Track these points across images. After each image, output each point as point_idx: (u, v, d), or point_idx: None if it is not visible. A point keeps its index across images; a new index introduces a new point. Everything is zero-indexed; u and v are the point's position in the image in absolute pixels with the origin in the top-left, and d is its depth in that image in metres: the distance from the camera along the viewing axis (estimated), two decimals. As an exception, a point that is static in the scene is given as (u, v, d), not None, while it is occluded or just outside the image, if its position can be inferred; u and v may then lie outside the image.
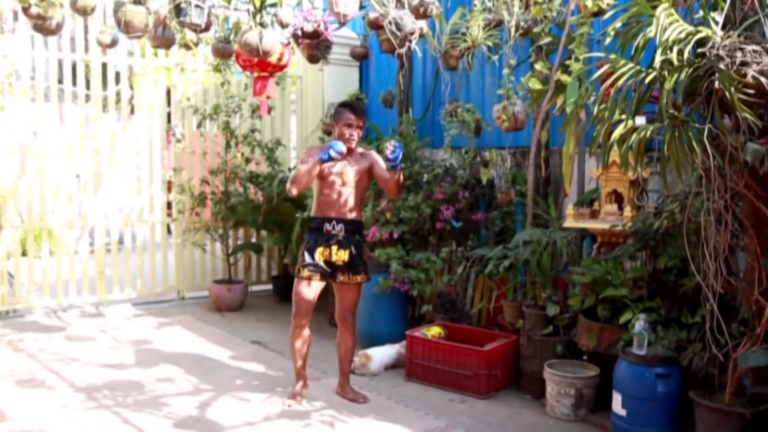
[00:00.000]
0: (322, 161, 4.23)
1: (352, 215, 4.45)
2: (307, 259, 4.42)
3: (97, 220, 7.12)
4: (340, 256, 4.41)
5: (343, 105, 4.53)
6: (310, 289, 4.49)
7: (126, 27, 3.71)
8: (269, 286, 8.13)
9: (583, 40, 3.94)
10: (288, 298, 7.65)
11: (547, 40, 4.39)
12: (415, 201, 5.87)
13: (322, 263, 4.42)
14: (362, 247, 4.55)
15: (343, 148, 4.22)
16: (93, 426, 4.11)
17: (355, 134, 4.40)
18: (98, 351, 5.67)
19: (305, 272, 4.43)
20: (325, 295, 6.90)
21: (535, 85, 4.24)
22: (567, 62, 4.04)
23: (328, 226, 4.41)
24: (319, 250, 4.41)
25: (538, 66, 4.27)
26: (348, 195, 4.42)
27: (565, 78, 3.97)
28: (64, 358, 5.44)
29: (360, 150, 4.54)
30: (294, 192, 4.33)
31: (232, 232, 7.72)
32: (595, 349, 4.29)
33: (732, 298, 3.68)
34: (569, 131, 4.46)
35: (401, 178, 4.31)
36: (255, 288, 8.05)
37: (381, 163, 4.44)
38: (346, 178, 4.40)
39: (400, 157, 4.14)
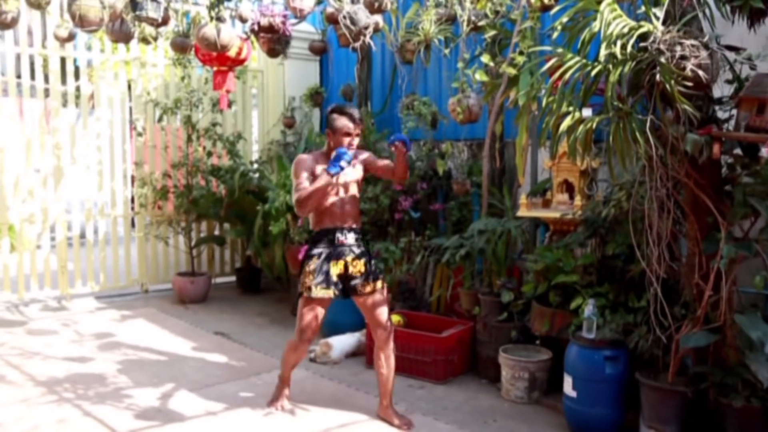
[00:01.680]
0: (333, 174, 3.88)
1: (357, 223, 4.19)
2: (319, 277, 4.04)
3: (59, 215, 7.09)
4: (357, 267, 4.10)
5: (340, 112, 4.07)
6: (319, 308, 4.11)
7: (81, 21, 3.72)
8: (232, 278, 8.17)
9: (527, 33, 4.05)
10: (251, 289, 7.80)
11: (492, 33, 4.49)
12: (374, 192, 5.96)
13: (335, 278, 4.07)
14: (371, 253, 4.29)
15: (351, 156, 3.91)
16: (53, 419, 4.14)
17: (355, 143, 4.06)
18: (60, 345, 5.67)
19: (319, 291, 4.03)
20: (288, 285, 7.02)
21: (482, 77, 4.34)
22: (512, 55, 4.15)
23: (340, 237, 4.07)
24: (332, 263, 4.06)
25: (484, 59, 4.37)
26: (352, 202, 4.16)
27: (510, 70, 4.08)
28: (25, 352, 5.43)
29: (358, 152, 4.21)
30: (305, 213, 4.05)
31: (194, 225, 7.73)
32: (548, 333, 4.43)
33: (675, 282, 3.84)
34: (522, 123, 4.57)
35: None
36: (218, 280, 8.09)
37: (371, 156, 4.25)
38: (348, 186, 4.13)
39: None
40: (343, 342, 5.37)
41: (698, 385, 3.58)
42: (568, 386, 4.04)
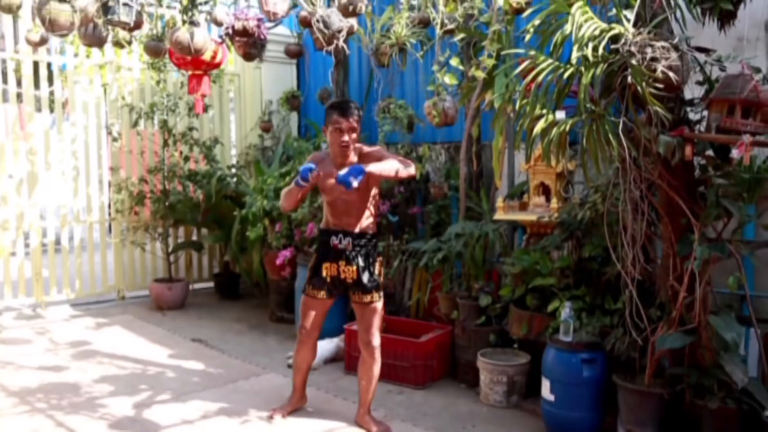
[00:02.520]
0: (299, 187, 3.80)
1: (359, 227, 4.02)
2: (313, 274, 4.11)
3: (33, 221, 6.99)
4: (348, 273, 4.03)
5: (331, 106, 3.97)
6: (314, 306, 4.13)
7: (51, 25, 3.65)
8: (210, 284, 8.10)
9: (496, 36, 4.05)
10: (229, 295, 7.75)
11: (462, 36, 4.50)
12: (353, 196, 5.92)
13: (328, 280, 4.07)
14: (372, 263, 4.08)
15: (311, 173, 3.71)
16: (25, 430, 4.06)
17: (347, 138, 3.86)
18: (34, 354, 5.58)
19: (309, 289, 4.12)
20: (266, 291, 6.97)
21: (452, 80, 4.34)
22: (482, 58, 4.15)
23: (334, 240, 4.01)
24: (326, 265, 4.05)
25: (453, 62, 4.37)
26: (352, 205, 3.99)
27: (479, 74, 4.09)
28: (-3, 362, 5.36)
29: (365, 149, 4.02)
30: (286, 209, 4.11)
31: (172, 231, 7.68)
32: (526, 337, 4.43)
33: (651, 284, 3.84)
34: (498, 126, 4.58)
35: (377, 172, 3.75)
36: (196, 286, 8.02)
37: (382, 155, 3.97)
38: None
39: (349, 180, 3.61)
40: (321, 348, 5.30)
41: (675, 386, 3.58)
42: (546, 390, 4.03)
